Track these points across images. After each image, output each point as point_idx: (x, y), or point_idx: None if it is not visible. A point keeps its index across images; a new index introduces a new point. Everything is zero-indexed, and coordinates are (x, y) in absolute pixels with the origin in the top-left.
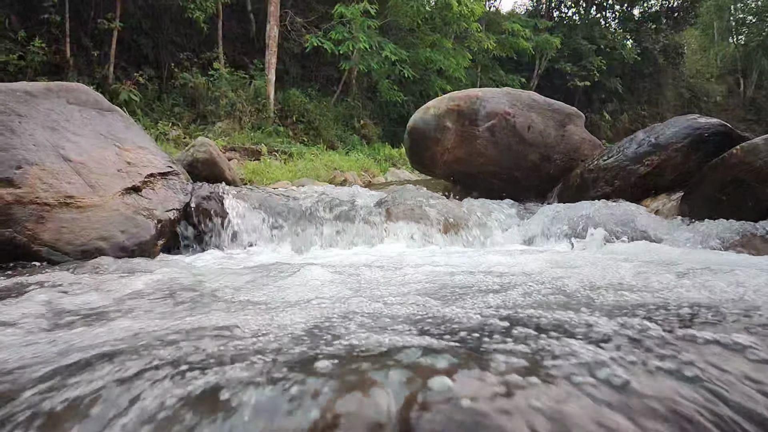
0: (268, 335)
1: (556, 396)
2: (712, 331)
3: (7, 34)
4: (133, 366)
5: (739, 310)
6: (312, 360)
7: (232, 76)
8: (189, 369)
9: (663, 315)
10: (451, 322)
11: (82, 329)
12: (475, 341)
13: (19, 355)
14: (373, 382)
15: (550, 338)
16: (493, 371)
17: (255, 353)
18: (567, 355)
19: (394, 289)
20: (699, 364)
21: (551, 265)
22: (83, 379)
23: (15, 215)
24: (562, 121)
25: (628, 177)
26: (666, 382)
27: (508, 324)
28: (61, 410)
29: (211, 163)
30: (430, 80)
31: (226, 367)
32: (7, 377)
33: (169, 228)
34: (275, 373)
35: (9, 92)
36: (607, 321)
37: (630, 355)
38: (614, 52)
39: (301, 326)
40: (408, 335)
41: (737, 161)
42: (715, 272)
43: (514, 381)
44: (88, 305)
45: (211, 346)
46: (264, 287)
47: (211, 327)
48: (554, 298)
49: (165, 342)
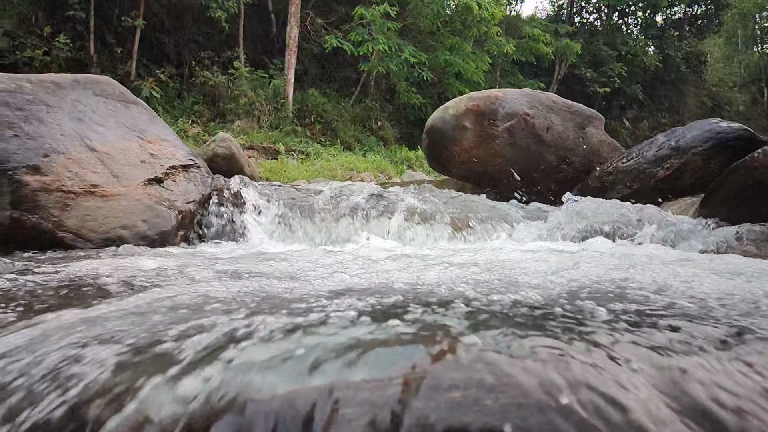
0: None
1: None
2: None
3: (34, 30)
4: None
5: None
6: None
7: (252, 75)
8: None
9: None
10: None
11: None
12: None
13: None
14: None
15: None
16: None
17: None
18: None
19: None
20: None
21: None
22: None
23: (41, 202)
24: (581, 123)
25: (647, 180)
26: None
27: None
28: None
29: (230, 158)
30: (449, 83)
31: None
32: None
33: (189, 219)
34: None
35: (38, 83)
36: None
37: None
38: (635, 59)
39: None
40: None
41: (759, 164)
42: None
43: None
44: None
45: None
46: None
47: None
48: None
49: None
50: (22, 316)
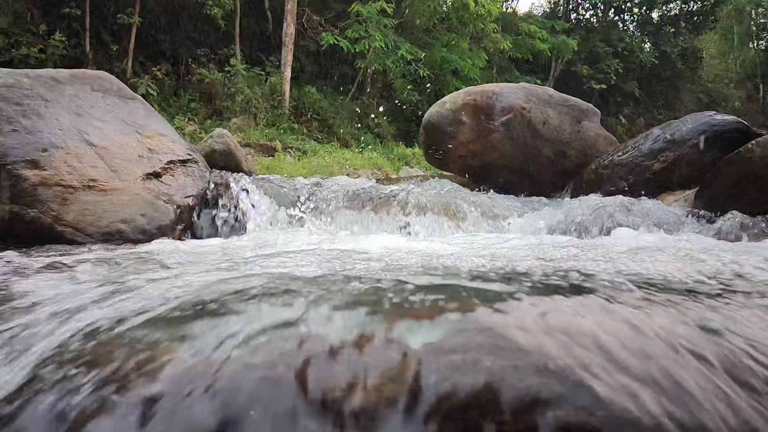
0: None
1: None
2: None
3: (29, 28)
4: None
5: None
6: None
7: (249, 72)
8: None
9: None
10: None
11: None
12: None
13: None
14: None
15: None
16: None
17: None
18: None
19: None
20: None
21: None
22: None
23: (40, 196)
24: (577, 116)
25: (642, 173)
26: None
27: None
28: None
29: (227, 154)
30: (445, 80)
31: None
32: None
33: (187, 213)
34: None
35: (36, 78)
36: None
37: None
38: (632, 56)
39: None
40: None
41: (753, 156)
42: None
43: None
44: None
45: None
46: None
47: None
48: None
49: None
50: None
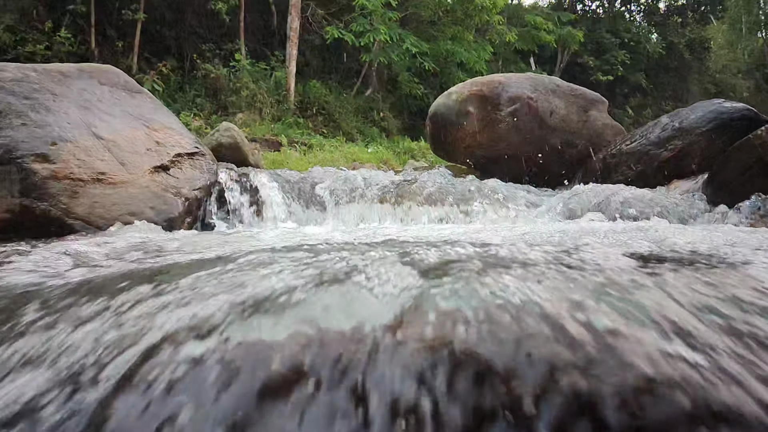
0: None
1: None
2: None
3: (35, 24)
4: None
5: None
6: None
7: (253, 67)
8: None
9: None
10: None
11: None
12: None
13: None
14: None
15: None
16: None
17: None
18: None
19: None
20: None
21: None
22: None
23: (50, 189)
24: (584, 106)
25: (650, 162)
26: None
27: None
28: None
29: (234, 148)
30: (451, 73)
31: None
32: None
33: (195, 206)
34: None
35: (44, 72)
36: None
37: None
38: (638, 46)
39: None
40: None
41: (762, 142)
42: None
43: None
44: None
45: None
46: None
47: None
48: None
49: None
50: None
